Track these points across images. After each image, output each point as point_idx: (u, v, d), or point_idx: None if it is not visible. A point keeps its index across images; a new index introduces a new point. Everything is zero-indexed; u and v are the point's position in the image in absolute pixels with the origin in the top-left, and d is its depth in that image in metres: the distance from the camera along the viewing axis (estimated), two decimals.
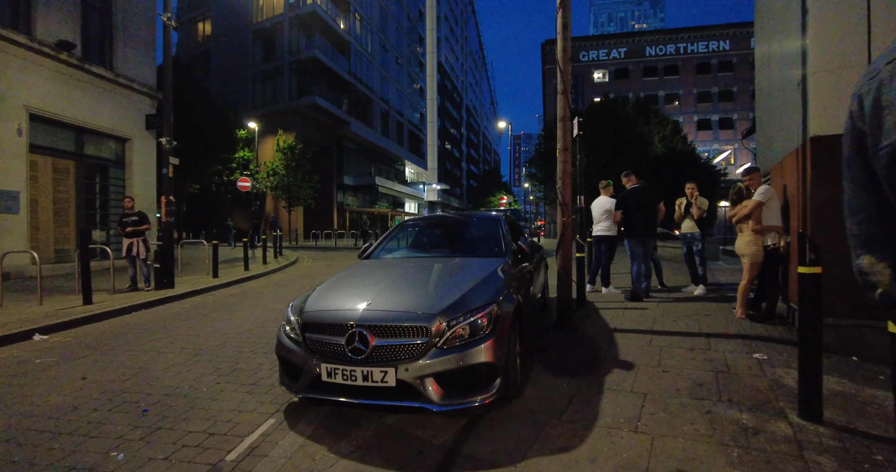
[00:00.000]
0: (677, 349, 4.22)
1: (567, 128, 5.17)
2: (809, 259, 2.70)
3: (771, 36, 5.88)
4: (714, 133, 47.17)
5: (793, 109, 4.73)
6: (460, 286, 3.20)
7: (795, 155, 4.56)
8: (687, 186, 7.16)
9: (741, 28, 46.88)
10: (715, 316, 5.47)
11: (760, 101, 6.70)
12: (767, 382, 3.37)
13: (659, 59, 48.80)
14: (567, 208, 5.17)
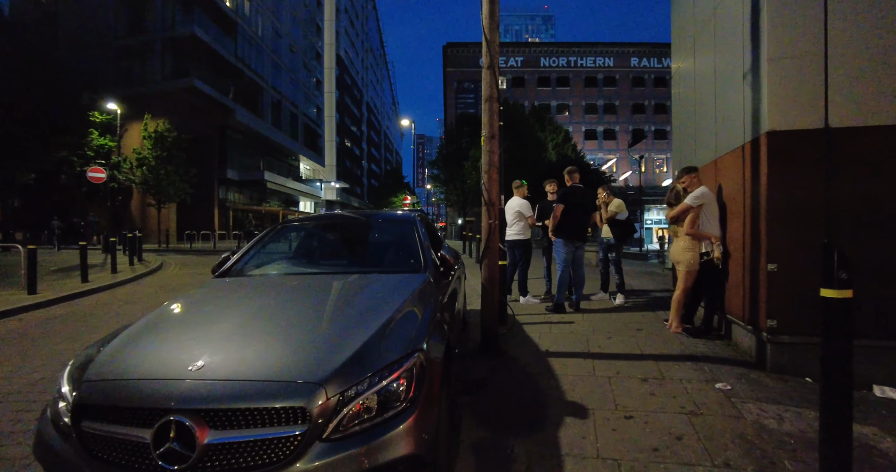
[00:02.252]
0: (628, 381, 3.49)
1: (493, 110, 4.26)
2: (839, 279, 2.01)
3: (699, 41, 5.55)
4: (599, 143, 50.89)
5: (733, 105, 4.31)
6: (364, 324, 2.06)
7: (740, 153, 4.12)
8: (599, 190, 6.70)
9: (622, 47, 51.24)
10: (648, 330, 4.94)
11: (680, 108, 6.46)
12: (752, 428, 2.71)
13: (552, 71, 51.45)
14: (493, 209, 4.26)
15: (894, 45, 3.42)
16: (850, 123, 3.45)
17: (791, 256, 3.54)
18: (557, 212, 5.88)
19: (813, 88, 3.51)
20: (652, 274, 11.51)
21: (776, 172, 3.57)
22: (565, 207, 5.88)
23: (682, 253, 4.63)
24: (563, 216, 5.89)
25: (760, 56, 3.66)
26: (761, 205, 3.68)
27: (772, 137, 3.56)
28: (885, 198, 3.40)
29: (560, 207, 5.86)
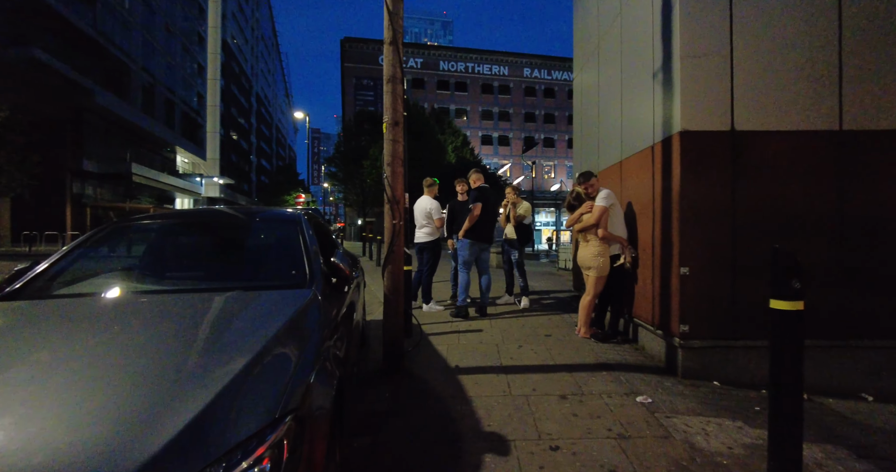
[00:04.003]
0: (547, 400, 3.14)
1: (397, 93, 3.70)
2: (792, 288, 1.78)
3: (604, 42, 5.53)
4: (495, 148, 52.78)
5: (641, 105, 4.24)
6: (208, 376, 1.38)
7: (649, 153, 4.05)
8: (507, 190, 6.50)
9: (516, 57, 53.76)
10: (557, 336, 4.73)
11: (582, 112, 6.49)
12: (683, 449, 2.48)
13: (451, 75, 52.27)
14: (398, 207, 3.70)
15: (786, 52, 3.52)
16: (753, 126, 3.48)
17: (703, 258, 3.48)
18: (476, 211, 5.52)
19: (721, 90, 3.48)
20: (549, 274, 11.79)
21: (688, 173, 3.49)
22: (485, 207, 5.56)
23: (593, 258, 4.47)
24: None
25: (673, 53, 3.57)
26: (673, 206, 3.59)
27: (684, 137, 3.48)
28: (786, 201, 3.48)
29: (479, 206, 5.50)
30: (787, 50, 3.53)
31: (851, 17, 3.53)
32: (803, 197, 3.54)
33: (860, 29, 3.53)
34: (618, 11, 4.87)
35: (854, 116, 3.54)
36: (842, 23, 3.54)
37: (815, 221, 3.55)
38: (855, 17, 3.53)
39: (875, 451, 2.64)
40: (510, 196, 6.34)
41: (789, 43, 3.53)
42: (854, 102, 3.53)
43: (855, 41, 3.53)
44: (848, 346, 3.62)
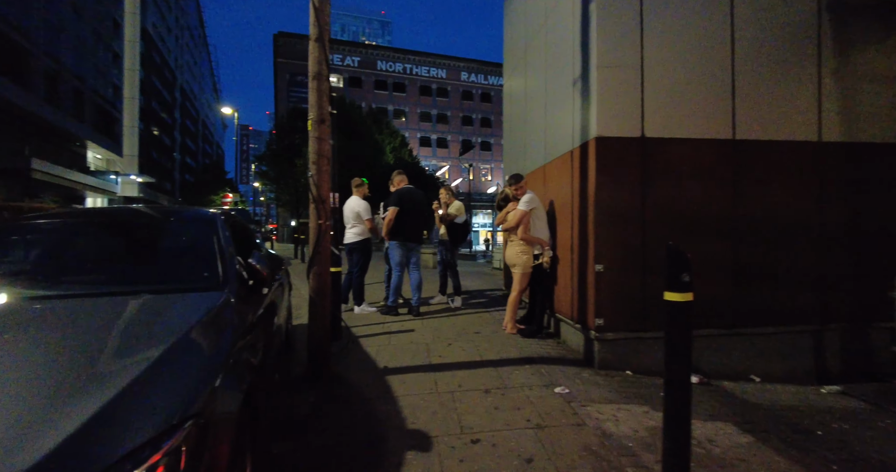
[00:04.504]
0: (472, 394, 3.22)
1: (323, 90, 3.64)
2: (682, 282, 1.96)
3: (531, 49, 5.75)
4: (433, 150, 53.07)
5: (562, 111, 4.47)
6: (101, 381, 1.30)
7: (568, 158, 4.27)
8: (441, 190, 6.59)
9: (454, 61, 54.40)
10: (486, 333, 4.86)
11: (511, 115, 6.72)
12: (595, 435, 2.64)
13: (389, 75, 51.93)
14: (324, 206, 3.63)
15: (689, 68, 3.85)
16: (661, 133, 3.78)
17: (616, 256, 3.72)
18: (390, 215, 5.55)
19: (634, 98, 3.75)
20: (483, 274, 12.05)
21: (603, 177, 3.72)
22: (403, 208, 5.58)
23: (517, 256, 4.64)
24: (397, 218, 5.58)
25: (590, 63, 3.79)
26: (589, 208, 3.81)
27: (599, 143, 3.71)
28: (689, 202, 3.80)
29: (393, 209, 5.53)
30: (690, 66, 3.87)
31: (741, 43, 3.95)
32: (704, 199, 3.89)
33: (748, 55, 3.96)
34: (542, 22, 5.10)
35: (744, 127, 3.94)
36: (734, 48, 3.94)
37: (714, 221, 3.92)
38: (744, 42, 3.95)
39: (757, 425, 2.96)
40: (443, 197, 6.43)
41: (692, 61, 3.87)
42: (744, 115, 3.94)
43: (744, 64, 3.95)
44: (741, 333, 4.02)
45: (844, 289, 4.13)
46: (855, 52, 4.16)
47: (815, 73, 4.08)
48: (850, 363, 4.22)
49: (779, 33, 4.04)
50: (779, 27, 4.03)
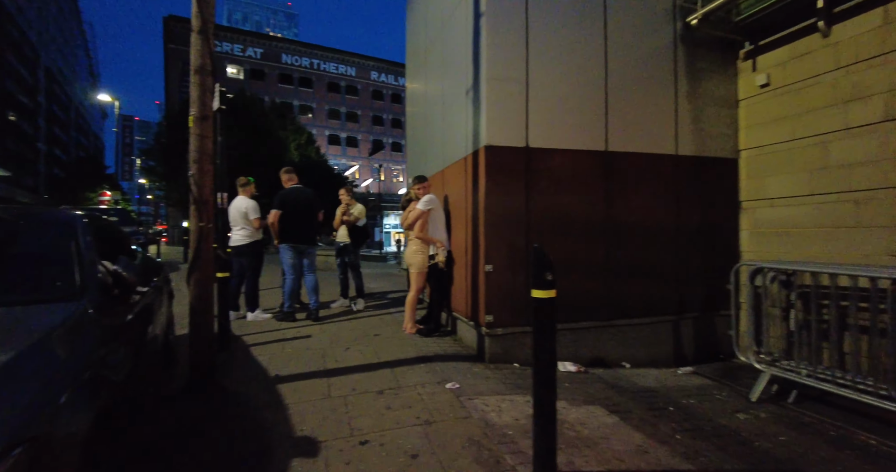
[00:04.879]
0: (365, 396, 3.25)
1: (207, 86, 3.44)
2: (546, 280, 2.16)
3: (430, 57, 5.89)
4: (343, 149, 51.86)
5: (458, 118, 4.65)
6: None
7: (463, 164, 4.46)
8: (340, 191, 6.50)
9: (364, 59, 53.63)
10: (386, 335, 4.90)
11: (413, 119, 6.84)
12: (479, 426, 2.79)
13: (295, 69, 49.80)
14: (206, 208, 3.43)
15: (569, 83, 4.22)
16: (544, 144, 4.09)
17: (504, 257, 3.96)
18: (272, 218, 5.38)
19: (519, 110, 4.02)
20: (390, 275, 12.06)
21: (491, 183, 3.95)
22: (286, 210, 5.41)
23: (412, 256, 4.75)
24: (284, 220, 5.42)
25: (480, 75, 4.00)
26: (480, 212, 4.02)
27: (488, 151, 3.93)
28: (568, 207, 4.16)
29: (275, 213, 5.37)
30: (571, 84, 4.25)
31: (614, 66, 4.41)
32: (581, 204, 4.29)
33: (619, 77, 4.45)
34: (440, 30, 5.26)
35: (615, 140, 4.41)
36: (608, 70, 4.40)
37: (590, 224, 4.33)
38: (616, 66, 4.42)
39: (622, 407, 3.33)
40: (344, 198, 6.34)
41: (572, 79, 4.26)
42: (615, 130, 4.41)
43: (616, 84, 4.43)
44: (614, 325, 4.48)
45: (695, 283, 4.78)
46: (703, 78, 4.84)
47: (672, 95, 4.68)
48: (701, 347, 4.89)
49: (644, 60, 4.57)
50: (644, 54, 4.57)
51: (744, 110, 4.90)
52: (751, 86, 4.79)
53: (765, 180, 4.67)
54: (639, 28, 4.54)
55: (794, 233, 4.38)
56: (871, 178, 3.74)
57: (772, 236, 4.61)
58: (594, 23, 4.35)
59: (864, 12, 3.78)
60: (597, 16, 4.35)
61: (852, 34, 3.86)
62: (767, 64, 4.65)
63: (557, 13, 4.19)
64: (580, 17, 4.29)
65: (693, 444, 2.76)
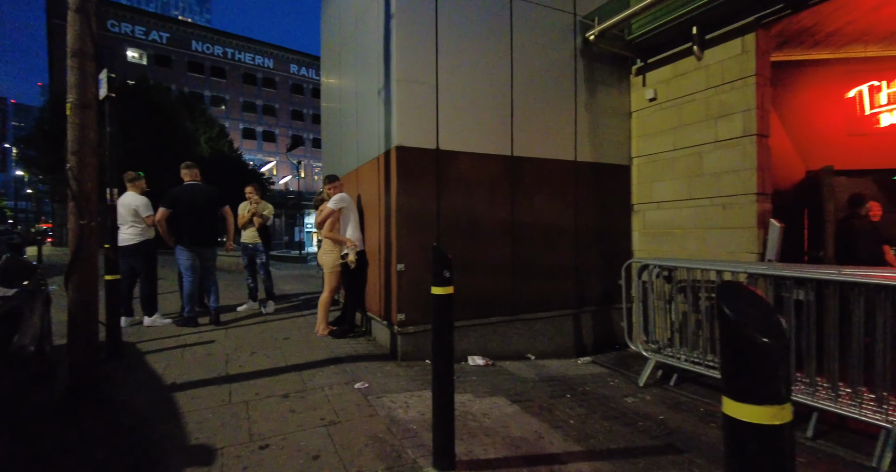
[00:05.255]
0: (269, 401, 3.15)
1: (88, 71, 3.14)
2: (444, 277, 2.25)
3: (344, 54, 5.82)
4: (259, 144, 49.25)
5: (371, 118, 4.65)
6: None
7: (376, 163, 4.46)
8: (247, 188, 6.19)
9: (283, 52, 51.33)
10: (297, 338, 4.77)
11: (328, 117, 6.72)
12: (384, 423, 2.83)
13: (206, 58, 46.48)
14: (88, 204, 3.13)
15: (478, 90, 4.39)
16: (454, 147, 4.22)
17: (415, 256, 4.03)
18: (159, 216, 5.02)
19: (430, 113, 4.11)
20: (309, 277, 11.69)
21: (403, 183, 4.00)
22: (177, 210, 5.07)
23: (323, 256, 4.70)
24: (178, 220, 5.08)
25: (391, 76, 4.03)
26: (392, 211, 4.06)
27: (400, 151, 3.97)
28: (478, 209, 4.32)
29: (162, 211, 5.01)
30: (479, 90, 4.42)
31: (519, 75, 4.66)
32: (489, 206, 4.47)
33: (524, 85, 4.70)
34: (354, 28, 5.22)
35: (520, 146, 4.65)
36: (513, 78, 4.63)
37: (497, 224, 4.53)
38: (521, 75, 4.67)
39: (523, 396, 3.53)
40: (252, 196, 6.05)
41: (480, 86, 4.43)
42: (520, 136, 4.65)
43: (521, 92, 4.67)
44: (521, 319, 4.73)
45: (594, 279, 5.18)
46: (600, 90, 5.25)
47: (573, 105, 5.02)
48: (599, 338, 5.31)
49: (547, 70, 4.87)
50: (547, 65, 4.86)
51: (635, 121, 5.39)
52: (641, 99, 5.29)
53: (653, 185, 5.18)
54: (542, 40, 4.82)
55: (676, 233, 4.90)
56: (734, 185, 4.29)
57: (658, 236, 5.12)
58: (501, 33, 4.56)
59: (728, 41, 4.33)
60: (503, 26, 4.56)
61: (720, 59, 4.41)
62: (655, 80, 5.15)
63: (465, 22, 4.34)
64: (488, 26, 4.48)
65: (584, 427, 3.01)
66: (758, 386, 0.86)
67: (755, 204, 4.11)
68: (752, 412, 0.86)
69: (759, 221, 4.10)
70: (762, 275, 3.31)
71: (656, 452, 2.70)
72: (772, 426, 0.85)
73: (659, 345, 4.14)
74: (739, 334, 0.85)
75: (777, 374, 0.85)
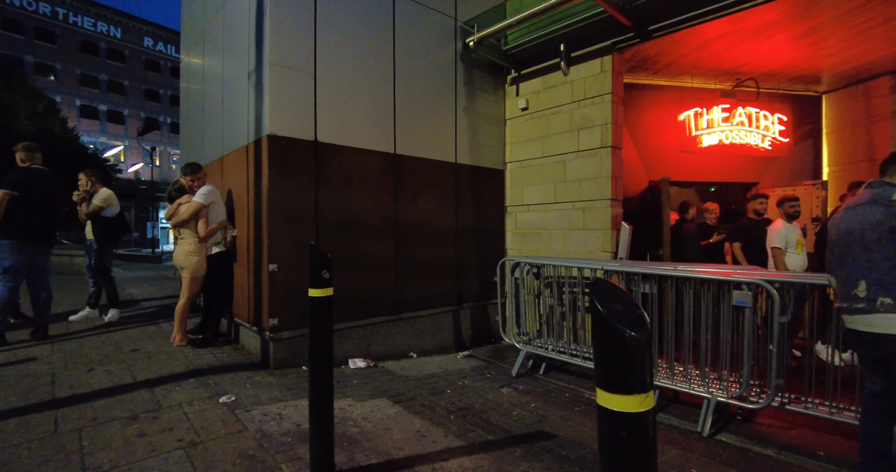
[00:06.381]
0: (110, 425, 2.69)
1: None
2: (323, 278, 2.12)
3: (209, 32, 5.23)
4: (102, 124, 42.24)
5: (239, 103, 4.24)
6: None
7: (244, 152, 4.08)
8: (80, 174, 5.21)
9: (136, 22, 44.73)
10: (148, 350, 4.16)
11: (189, 99, 5.99)
12: (255, 438, 2.59)
13: (29, 16, 38.45)
14: None
15: (361, 86, 4.26)
16: (335, 140, 4.04)
17: (290, 255, 3.77)
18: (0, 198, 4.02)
19: (307, 102, 3.87)
20: (166, 278, 10.35)
21: (276, 175, 3.71)
22: (16, 197, 4.11)
23: (185, 258, 4.15)
24: (13, 209, 4.11)
25: (263, 59, 3.72)
26: (263, 206, 3.75)
27: (272, 141, 3.68)
28: (361, 206, 4.19)
29: (6, 193, 4.04)
30: (361, 84, 4.29)
31: (401, 73, 4.63)
32: (372, 203, 4.38)
33: (406, 83, 4.70)
34: (222, 2, 4.71)
35: (403, 144, 4.64)
36: (395, 75, 4.59)
37: (381, 223, 4.45)
38: (403, 73, 4.65)
39: (406, 396, 3.52)
40: (83, 183, 5.08)
41: (363, 79, 4.31)
42: (402, 134, 4.64)
43: (403, 90, 4.66)
44: (403, 318, 4.71)
45: (472, 277, 5.38)
46: (479, 96, 5.47)
47: (453, 109, 5.15)
48: (478, 333, 5.53)
49: (429, 71, 4.92)
50: (429, 66, 4.92)
51: (509, 129, 5.73)
52: (515, 108, 5.62)
53: (524, 189, 5.55)
54: (425, 41, 4.86)
55: (544, 233, 5.31)
56: (592, 191, 4.78)
57: (529, 236, 5.50)
58: (383, 29, 4.48)
59: (589, 60, 4.80)
60: (386, 23, 4.50)
61: (583, 76, 4.88)
62: (527, 91, 5.52)
63: (347, 12, 4.18)
64: (370, 20, 4.37)
65: (464, 422, 3.09)
66: (626, 377, 0.93)
67: (609, 208, 4.63)
68: (622, 402, 0.93)
69: (613, 224, 4.63)
70: (616, 271, 3.73)
71: (531, 439, 2.88)
72: (639, 413, 0.93)
73: (530, 337, 4.44)
74: (610, 328, 0.91)
75: (643, 365, 0.93)
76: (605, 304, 0.92)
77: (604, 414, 0.94)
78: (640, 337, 0.88)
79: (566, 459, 2.61)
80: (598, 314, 0.92)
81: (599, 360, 0.96)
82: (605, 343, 0.94)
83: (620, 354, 0.91)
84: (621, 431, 0.92)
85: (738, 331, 3.05)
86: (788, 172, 6.87)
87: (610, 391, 0.93)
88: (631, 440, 0.92)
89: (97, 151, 31.08)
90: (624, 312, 0.91)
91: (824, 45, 5.26)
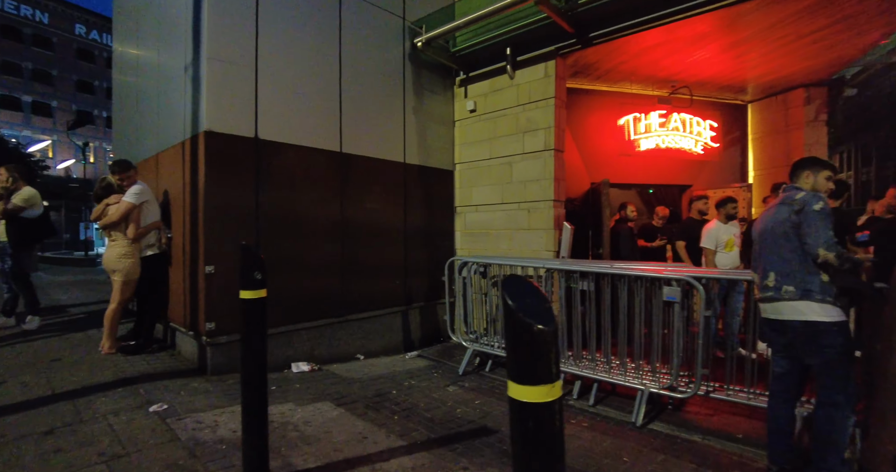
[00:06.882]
0: (21, 442, 2.48)
1: None
2: (255, 279, 2.06)
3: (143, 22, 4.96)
4: (27, 117, 38.88)
5: (175, 97, 4.05)
6: None
7: (181, 149, 3.90)
8: (1, 170, 4.72)
9: (67, 8, 41.53)
10: (71, 359, 3.87)
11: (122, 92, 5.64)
12: (186, 448, 2.48)
13: None
14: None
15: (306, 83, 4.17)
16: (277, 138, 3.93)
17: (229, 257, 3.64)
18: None
19: (248, 98, 3.75)
20: (98, 283, 9.69)
21: (214, 173, 3.58)
22: None
23: (117, 261, 3.90)
24: None
25: (201, 52, 3.57)
26: (199, 206, 3.59)
27: (209, 138, 3.54)
28: (305, 205, 4.10)
29: None
30: (306, 80, 4.21)
31: (347, 71, 4.58)
32: (317, 203, 4.29)
33: (353, 82, 4.64)
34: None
35: (349, 143, 4.58)
36: (342, 74, 4.54)
37: (326, 223, 4.38)
38: (349, 71, 4.60)
39: (349, 398, 3.47)
40: (2, 179, 4.65)
41: (306, 77, 4.23)
42: (349, 133, 4.58)
43: (349, 88, 4.60)
44: (350, 320, 4.65)
45: (421, 277, 5.39)
46: (427, 97, 5.48)
47: (401, 107, 5.15)
48: (426, 333, 5.54)
49: (376, 70, 4.89)
50: (377, 66, 4.88)
51: (458, 130, 5.78)
52: (463, 109, 5.69)
53: (472, 190, 5.62)
54: (372, 40, 4.82)
55: (491, 233, 5.39)
56: (536, 192, 4.91)
57: (477, 236, 5.57)
58: (329, 25, 4.41)
59: (534, 65, 4.93)
60: (332, 19, 4.43)
61: (528, 80, 5.00)
62: (475, 93, 5.59)
63: (290, 5, 4.09)
64: (315, 15, 4.29)
65: (408, 422, 3.08)
66: (535, 368, 0.97)
67: (552, 209, 4.77)
68: (530, 393, 0.96)
69: (556, 224, 4.77)
70: (557, 269, 3.85)
71: (473, 435, 2.92)
72: (546, 403, 0.96)
73: (477, 335, 4.50)
74: (519, 322, 0.94)
75: (550, 356, 0.97)
76: (516, 298, 0.95)
77: (515, 406, 0.97)
78: (548, 330, 0.92)
79: (506, 453, 2.67)
80: (508, 308, 0.95)
81: (511, 352, 0.99)
82: (515, 336, 0.98)
83: (529, 346, 0.95)
84: (529, 421, 0.95)
85: (669, 325, 3.22)
86: (719, 175, 7.34)
87: (520, 383, 0.96)
88: (538, 430, 0.96)
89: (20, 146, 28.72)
90: (534, 305, 0.95)
91: (747, 57, 5.66)
